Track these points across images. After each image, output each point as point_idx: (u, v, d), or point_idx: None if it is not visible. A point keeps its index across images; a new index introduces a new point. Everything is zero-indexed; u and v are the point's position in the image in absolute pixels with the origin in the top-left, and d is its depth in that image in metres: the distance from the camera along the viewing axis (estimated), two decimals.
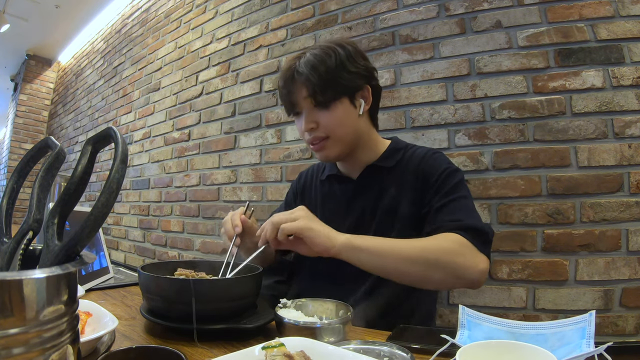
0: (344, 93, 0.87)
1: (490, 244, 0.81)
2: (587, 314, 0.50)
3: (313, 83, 0.85)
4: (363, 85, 0.90)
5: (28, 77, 4.58)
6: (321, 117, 0.88)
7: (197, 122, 2.28)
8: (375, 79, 0.94)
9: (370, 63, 0.93)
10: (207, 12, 2.36)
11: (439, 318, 1.33)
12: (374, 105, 0.95)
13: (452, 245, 0.76)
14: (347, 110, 0.88)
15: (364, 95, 0.91)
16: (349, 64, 0.87)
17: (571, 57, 1.25)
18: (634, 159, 1.16)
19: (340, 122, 0.88)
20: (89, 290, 0.95)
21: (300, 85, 0.87)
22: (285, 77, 0.90)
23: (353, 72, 0.87)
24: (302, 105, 0.89)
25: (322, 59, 0.86)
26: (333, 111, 0.87)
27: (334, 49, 0.87)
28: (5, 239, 0.40)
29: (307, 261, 0.99)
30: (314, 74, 0.84)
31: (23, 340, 0.30)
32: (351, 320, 0.63)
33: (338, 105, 0.87)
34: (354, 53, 0.89)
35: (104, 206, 0.34)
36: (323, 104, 0.86)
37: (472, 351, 0.44)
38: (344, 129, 0.89)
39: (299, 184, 1.11)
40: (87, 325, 0.58)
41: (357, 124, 0.91)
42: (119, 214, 2.86)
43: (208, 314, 0.62)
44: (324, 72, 0.85)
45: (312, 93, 0.86)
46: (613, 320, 1.13)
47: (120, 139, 0.37)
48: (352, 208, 0.94)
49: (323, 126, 0.88)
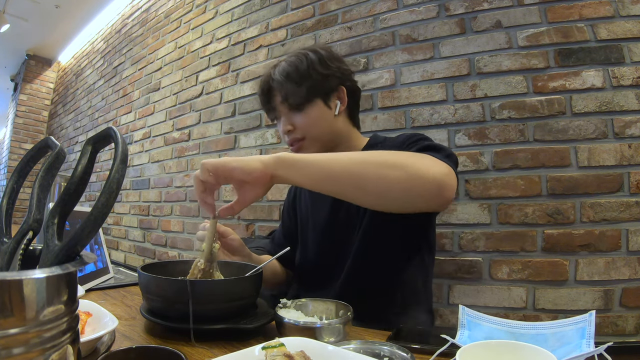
0: (317, 95, 0.91)
1: (456, 163, 0.76)
2: (587, 314, 0.50)
3: (286, 88, 0.90)
4: (337, 86, 0.94)
5: (28, 77, 4.58)
6: (296, 119, 0.92)
7: (197, 122, 2.28)
8: (351, 80, 0.97)
9: (345, 65, 0.97)
10: (207, 12, 2.36)
11: (439, 318, 1.33)
12: (352, 106, 0.98)
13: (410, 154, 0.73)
14: (322, 111, 0.92)
15: (339, 96, 0.94)
16: (320, 66, 0.91)
17: (571, 57, 1.25)
18: (634, 159, 1.16)
19: (314, 123, 0.92)
20: (89, 290, 0.95)
21: (275, 91, 0.93)
22: (263, 86, 0.96)
23: (325, 74, 0.91)
24: (280, 110, 0.94)
25: (294, 65, 0.91)
26: (307, 113, 0.91)
27: (306, 54, 0.92)
28: (5, 239, 0.40)
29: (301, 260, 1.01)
30: (286, 80, 0.90)
31: (23, 340, 0.29)
32: (351, 320, 0.63)
33: (312, 106, 0.91)
34: (327, 56, 0.93)
35: (104, 206, 0.34)
36: (297, 106, 0.91)
37: (472, 351, 0.44)
38: (318, 129, 0.92)
39: (290, 198, 1.13)
40: (87, 325, 0.58)
41: (333, 124, 0.94)
42: (119, 214, 2.86)
43: (208, 314, 0.62)
44: (296, 77, 0.90)
45: (285, 97, 0.91)
46: (613, 320, 1.13)
47: (120, 139, 0.37)
48: (339, 206, 0.95)
49: (299, 128, 0.92)
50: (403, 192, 0.67)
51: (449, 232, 1.35)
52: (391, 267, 0.90)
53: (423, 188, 0.67)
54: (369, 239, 0.88)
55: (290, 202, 1.12)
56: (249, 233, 1.88)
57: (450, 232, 1.35)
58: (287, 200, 1.15)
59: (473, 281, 1.29)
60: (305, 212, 1.04)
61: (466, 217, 1.32)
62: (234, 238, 0.87)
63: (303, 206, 1.06)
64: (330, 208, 0.96)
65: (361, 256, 0.89)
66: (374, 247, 0.88)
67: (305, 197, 1.06)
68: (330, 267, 0.93)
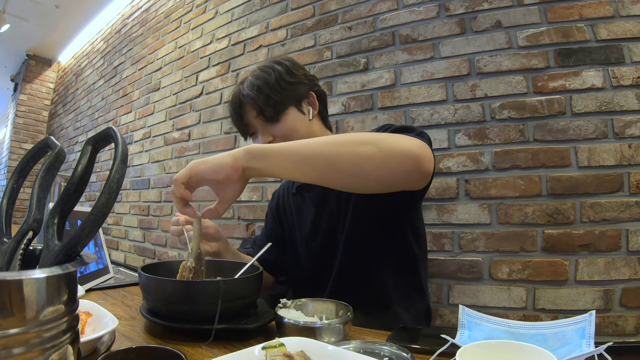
0: (289, 103, 0.93)
1: (429, 140, 0.75)
2: (587, 314, 0.50)
3: (258, 102, 0.91)
4: (306, 92, 0.96)
5: (28, 77, 4.58)
6: (274, 130, 0.93)
7: (197, 122, 2.28)
8: (317, 85, 1.00)
9: (308, 72, 1.00)
10: (207, 12, 2.36)
11: (439, 318, 1.33)
12: (322, 109, 1.01)
13: (382, 133, 0.72)
14: (297, 117, 0.94)
15: (310, 102, 0.97)
16: (288, 76, 0.93)
17: (571, 57, 1.25)
18: (634, 159, 1.16)
19: (292, 129, 0.93)
20: (89, 290, 0.95)
21: (248, 107, 0.94)
22: (234, 104, 0.96)
23: (293, 82, 0.94)
24: (255, 125, 0.95)
25: (262, 78, 0.92)
26: (284, 122, 0.92)
27: (271, 66, 0.94)
28: (5, 239, 0.40)
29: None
30: (257, 94, 0.91)
31: (23, 340, 0.29)
32: (351, 320, 0.63)
33: (287, 115, 0.93)
34: (292, 66, 0.95)
35: (104, 206, 0.34)
36: (272, 118, 0.92)
37: (472, 351, 0.44)
38: (297, 135, 0.92)
39: (274, 204, 1.13)
40: (87, 325, 0.58)
41: (309, 128, 0.96)
42: (119, 214, 2.86)
43: (208, 314, 0.62)
44: (266, 89, 0.90)
45: (260, 111, 0.92)
46: (613, 320, 1.13)
47: (120, 139, 0.37)
48: (323, 210, 0.96)
49: (279, 137, 0.92)
50: (378, 168, 0.66)
51: (449, 232, 1.35)
52: (379, 259, 0.90)
53: (397, 162, 0.66)
54: (353, 233, 0.89)
55: (274, 207, 1.12)
56: (248, 233, 1.88)
57: (450, 232, 1.35)
58: (271, 205, 1.15)
59: (473, 281, 1.29)
60: (291, 219, 1.04)
61: (466, 217, 1.32)
62: (209, 225, 0.88)
63: (288, 213, 1.06)
64: (314, 212, 0.97)
65: (349, 252, 0.90)
66: (360, 241, 0.89)
67: (289, 203, 1.06)
68: (321, 269, 0.94)
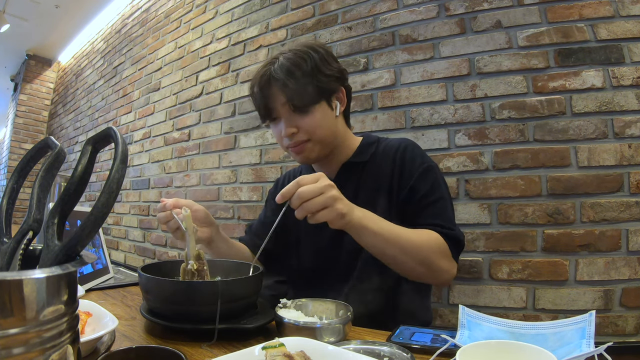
0: (322, 96, 0.88)
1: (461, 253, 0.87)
2: (587, 314, 0.50)
3: (291, 88, 0.84)
4: (338, 87, 0.92)
5: (28, 77, 4.58)
6: (301, 121, 0.87)
7: (197, 122, 2.28)
8: (347, 80, 0.96)
9: (341, 65, 0.94)
10: (207, 12, 2.36)
11: (439, 318, 1.33)
12: (348, 106, 0.97)
13: (439, 247, 0.81)
14: (326, 112, 0.89)
15: (339, 97, 0.93)
16: (323, 67, 0.87)
17: (571, 57, 1.25)
18: (634, 159, 1.16)
19: (320, 125, 0.88)
20: (89, 290, 0.95)
21: (277, 91, 0.87)
22: (261, 84, 0.89)
23: (328, 75, 0.88)
24: (280, 112, 0.88)
25: (298, 64, 0.86)
26: (312, 115, 0.87)
27: (307, 52, 0.88)
28: (5, 239, 0.40)
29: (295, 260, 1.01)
30: (290, 79, 0.84)
31: (23, 340, 0.30)
32: (351, 320, 0.63)
33: (317, 108, 0.87)
34: (327, 56, 0.90)
35: (104, 206, 0.34)
36: (302, 108, 0.86)
37: (472, 351, 0.44)
38: (324, 131, 0.89)
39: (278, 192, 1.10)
40: (87, 325, 0.58)
41: (335, 125, 0.92)
42: (119, 214, 2.86)
43: (208, 314, 0.62)
44: (300, 77, 0.85)
45: (290, 98, 0.85)
46: (613, 320, 1.13)
47: (120, 139, 0.37)
48: None
49: (304, 130, 0.88)
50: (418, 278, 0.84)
51: None
52: None
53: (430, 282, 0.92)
54: None
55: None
56: None
57: None
58: (274, 192, 1.10)
59: (473, 281, 1.29)
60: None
61: (466, 217, 1.32)
62: (198, 209, 0.87)
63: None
64: None
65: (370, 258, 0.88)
66: None
67: None
68: (326, 263, 0.93)
